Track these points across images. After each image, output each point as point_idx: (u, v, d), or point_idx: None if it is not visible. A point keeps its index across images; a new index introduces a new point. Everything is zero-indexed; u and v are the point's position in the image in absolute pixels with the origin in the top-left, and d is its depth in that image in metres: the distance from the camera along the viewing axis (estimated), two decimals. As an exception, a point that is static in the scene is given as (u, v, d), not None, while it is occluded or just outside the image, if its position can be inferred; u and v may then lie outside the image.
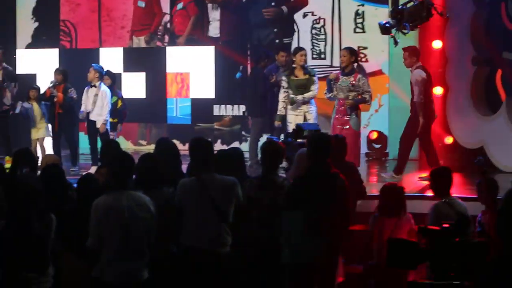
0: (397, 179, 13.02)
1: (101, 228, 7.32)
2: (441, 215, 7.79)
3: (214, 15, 20.48)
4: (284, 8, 19.66)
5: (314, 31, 19.36)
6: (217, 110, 19.99)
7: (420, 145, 13.89)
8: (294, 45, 18.67)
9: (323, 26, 19.37)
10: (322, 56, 18.74)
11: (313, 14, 19.38)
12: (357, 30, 18.93)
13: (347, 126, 13.37)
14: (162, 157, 9.16)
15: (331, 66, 18.55)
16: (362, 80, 13.33)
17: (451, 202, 8.36)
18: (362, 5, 17.84)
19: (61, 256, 7.76)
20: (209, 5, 20.38)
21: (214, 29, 20.33)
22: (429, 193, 10.02)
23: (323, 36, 19.28)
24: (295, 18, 19.58)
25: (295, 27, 19.61)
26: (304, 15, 19.50)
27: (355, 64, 13.77)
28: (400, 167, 13.38)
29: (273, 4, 19.66)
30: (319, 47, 18.82)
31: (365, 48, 17.88)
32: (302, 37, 19.29)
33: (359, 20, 19.29)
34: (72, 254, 7.81)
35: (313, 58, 18.09)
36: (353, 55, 13.71)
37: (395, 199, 8.89)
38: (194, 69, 19.70)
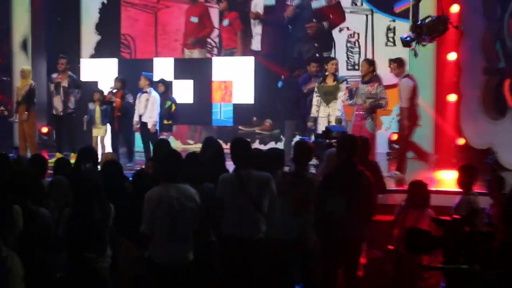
0: (400, 177, 13.29)
1: (153, 216, 7.37)
2: (475, 205, 8.07)
3: (257, 30, 20.18)
4: (325, 23, 19.38)
5: (349, 45, 19.03)
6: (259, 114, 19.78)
7: (397, 142, 14.35)
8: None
9: (357, 40, 18.98)
10: (356, 67, 18.07)
11: (348, 29, 19.05)
12: (389, 44, 18.52)
13: (364, 129, 13.23)
14: (208, 154, 9.29)
15: (364, 76, 17.38)
16: (379, 88, 13.39)
17: (475, 195, 8.52)
18: (394, 20, 17.57)
19: (118, 240, 7.85)
20: (253, 21, 20.13)
21: (256, 43, 20.04)
22: (445, 188, 10.52)
23: (357, 49, 18.89)
24: (332, 33, 19.14)
25: (333, 41, 19.12)
26: (340, 30, 19.21)
27: (374, 74, 13.74)
28: (401, 165, 13.36)
29: (314, 20, 19.41)
30: (353, 59, 18.47)
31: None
32: (338, 50, 18.95)
33: (390, 35, 18.75)
34: (127, 239, 7.90)
35: (348, 69, 18.16)
36: (372, 65, 13.74)
37: (421, 193, 8.82)
38: (236, 77, 19.42)
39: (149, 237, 7.38)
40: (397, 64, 13.62)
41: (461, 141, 14.73)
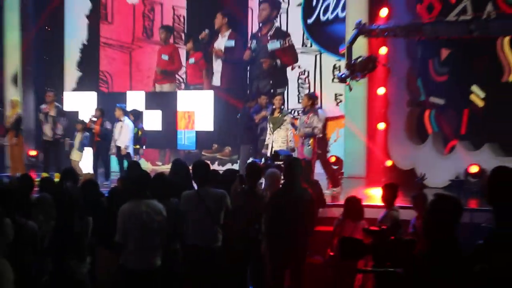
0: (337, 191, 13.73)
1: (125, 227, 7.48)
2: (397, 218, 8.29)
3: (218, 67, 20.84)
4: (278, 61, 19.95)
5: (300, 81, 19.64)
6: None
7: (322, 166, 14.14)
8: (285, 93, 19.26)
9: (307, 77, 19.42)
10: (306, 101, 17.78)
11: (299, 67, 19.56)
12: (335, 80, 18.18)
13: (303, 154, 13.84)
14: (178, 174, 9.45)
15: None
16: (313, 118, 13.64)
17: (396, 210, 8.86)
18: (339, 60, 17.60)
19: (95, 248, 7.92)
20: (214, 59, 20.68)
21: (216, 79, 20.74)
22: (375, 203, 10.75)
23: (307, 85, 19.41)
24: (286, 71, 19.82)
25: (286, 78, 19.81)
26: (292, 68, 19.74)
27: (313, 106, 14.09)
28: (334, 181, 13.86)
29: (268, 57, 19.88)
30: (303, 93, 17.97)
31: (341, 94, 17.87)
32: (291, 86, 19.60)
33: (336, 72, 18.43)
34: (103, 247, 7.99)
35: (298, 103, 18.31)
36: (310, 99, 14.15)
37: (355, 207, 9.07)
38: (198, 108, 19.96)
39: (122, 245, 7.56)
40: (307, 97, 14.11)
41: (389, 163, 15.12)
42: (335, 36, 18.56)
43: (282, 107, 14.93)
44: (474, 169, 13.01)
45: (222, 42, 20.49)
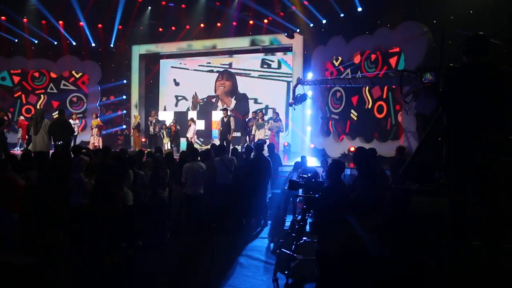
0: None
1: (186, 174, 7.62)
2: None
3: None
4: None
5: None
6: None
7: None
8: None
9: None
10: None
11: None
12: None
13: None
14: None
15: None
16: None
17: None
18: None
19: (171, 184, 7.74)
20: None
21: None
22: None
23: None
24: None
25: None
26: None
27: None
28: None
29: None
30: None
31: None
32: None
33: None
34: (175, 183, 7.86)
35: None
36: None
37: None
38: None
39: (184, 183, 7.68)
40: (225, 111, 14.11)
41: (312, 146, 15.35)
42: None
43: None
44: (352, 148, 12.73)
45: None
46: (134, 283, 5.69)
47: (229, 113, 14.93)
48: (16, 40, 18.96)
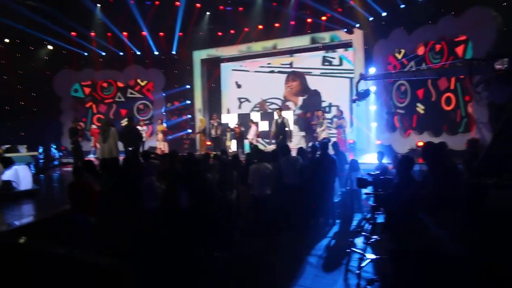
0: None
1: (253, 175, 7.70)
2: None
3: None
4: None
5: None
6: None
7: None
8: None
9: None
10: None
11: None
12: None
13: None
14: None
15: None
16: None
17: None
18: None
19: (238, 186, 7.63)
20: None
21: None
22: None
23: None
24: None
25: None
26: None
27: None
28: None
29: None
30: None
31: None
32: None
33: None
34: (242, 185, 7.81)
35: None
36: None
37: (355, 164, 9.06)
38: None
39: (251, 184, 7.74)
40: (280, 111, 13.95)
41: (378, 142, 15.00)
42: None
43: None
44: (420, 143, 12.58)
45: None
46: (204, 284, 5.73)
47: (283, 113, 14.86)
48: (86, 54, 19.93)
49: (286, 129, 14.11)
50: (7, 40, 17.44)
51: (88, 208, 6.39)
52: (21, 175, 9.27)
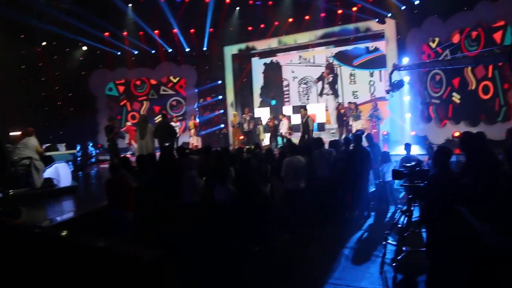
0: None
1: (287, 169, 7.71)
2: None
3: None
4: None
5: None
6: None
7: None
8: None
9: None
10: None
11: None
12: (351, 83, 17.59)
13: None
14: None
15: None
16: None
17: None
18: (353, 70, 14.57)
19: (272, 179, 7.55)
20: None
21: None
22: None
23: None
24: None
25: None
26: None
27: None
28: None
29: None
30: None
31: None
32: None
33: (352, 78, 17.78)
34: (276, 178, 7.80)
35: None
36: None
37: (386, 156, 9.12)
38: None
39: (284, 177, 7.74)
40: (305, 110, 13.77)
41: (412, 133, 14.92)
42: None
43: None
44: (456, 133, 12.65)
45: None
46: (241, 277, 5.72)
47: (308, 112, 14.72)
48: (119, 53, 20.29)
49: (310, 128, 13.96)
50: (44, 43, 17.95)
51: (125, 204, 6.54)
52: (61, 173, 9.55)
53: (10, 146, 8.97)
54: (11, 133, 13.34)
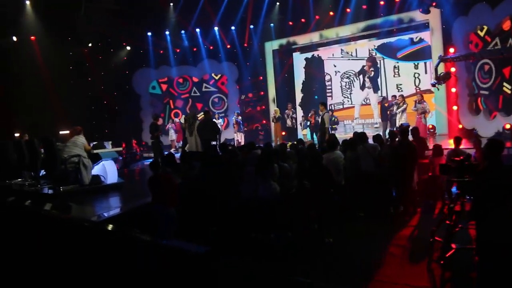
0: None
1: (327, 163, 7.53)
2: (465, 153, 7.36)
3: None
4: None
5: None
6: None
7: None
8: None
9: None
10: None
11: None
12: (395, 76, 17.36)
13: None
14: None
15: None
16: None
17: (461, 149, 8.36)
18: (397, 62, 14.16)
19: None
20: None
21: None
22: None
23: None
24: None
25: None
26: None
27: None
28: None
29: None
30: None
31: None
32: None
33: (396, 70, 17.62)
34: None
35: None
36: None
37: (439, 149, 8.71)
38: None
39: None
40: (323, 106, 13.26)
41: (460, 126, 14.75)
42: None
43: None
44: (508, 126, 12.45)
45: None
46: (284, 272, 5.64)
47: (327, 108, 14.24)
48: (162, 52, 20.70)
49: (326, 126, 13.25)
50: (90, 44, 18.46)
51: (167, 199, 6.63)
52: (108, 170, 9.75)
53: (60, 145, 9.25)
54: (60, 132, 14.01)
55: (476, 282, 4.43)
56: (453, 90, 14.97)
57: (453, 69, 14.28)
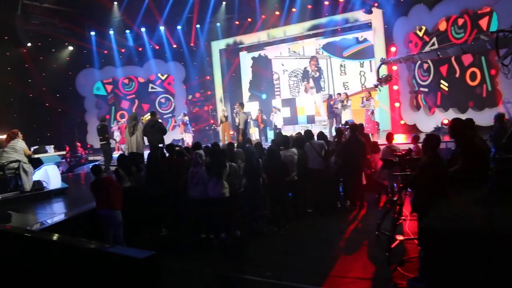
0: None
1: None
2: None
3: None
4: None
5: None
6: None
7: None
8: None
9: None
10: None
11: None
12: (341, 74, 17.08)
13: None
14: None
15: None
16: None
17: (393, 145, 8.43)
18: (343, 61, 14.29)
19: (263, 173, 7.67)
20: None
21: None
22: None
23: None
24: None
25: None
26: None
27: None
28: None
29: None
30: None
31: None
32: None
33: (342, 69, 18.00)
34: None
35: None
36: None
37: (375, 147, 8.95)
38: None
39: None
40: (240, 106, 13.10)
41: (402, 122, 15.03)
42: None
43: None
44: (445, 121, 12.58)
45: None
46: (242, 269, 5.81)
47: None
48: (106, 52, 20.14)
49: (240, 127, 12.75)
50: (29, 44, 17.45)
51: (114, 203, 6.53)
52: (50, 175, 9.48)
53: (-3, 150, 9.08)
54: (-4, 136, 13.36)
55: (419, 270, 4.55)
56: (395, 87, 15.32)
57: (394, 68, 14.64)
